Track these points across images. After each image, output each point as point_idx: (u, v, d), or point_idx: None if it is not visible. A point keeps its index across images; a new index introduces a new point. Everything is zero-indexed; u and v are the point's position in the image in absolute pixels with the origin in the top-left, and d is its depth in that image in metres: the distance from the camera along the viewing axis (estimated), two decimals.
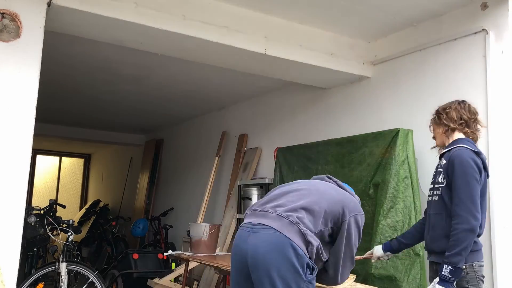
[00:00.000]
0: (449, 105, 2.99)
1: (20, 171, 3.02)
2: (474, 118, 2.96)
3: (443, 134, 2.99)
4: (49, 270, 4.49)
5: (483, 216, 2.74)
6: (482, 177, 2.72)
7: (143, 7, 3.53)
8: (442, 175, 2.88)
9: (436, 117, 3.04)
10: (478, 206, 2.65)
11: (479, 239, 2.76)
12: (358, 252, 3.91)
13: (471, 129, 2.93)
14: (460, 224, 2.62)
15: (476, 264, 2.72)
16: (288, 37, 4.19)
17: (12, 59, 3.07)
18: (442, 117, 2.97)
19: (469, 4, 3.73)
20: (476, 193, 2.66)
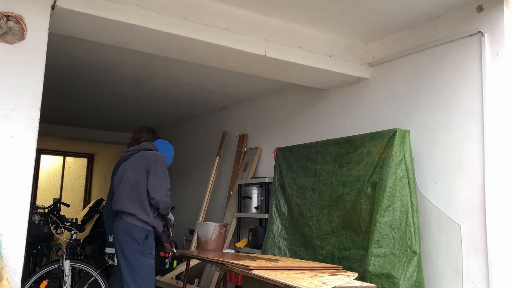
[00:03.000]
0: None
1: (25, 170, 3.04)
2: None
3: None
4: (53, 268, 4.55)
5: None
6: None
7: (145, 10, 3.56)
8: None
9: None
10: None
11: None
12: (358, 251, 3.99)
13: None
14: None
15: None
16: (287, 39, 4.22)
17: (17, 61, 3.08)
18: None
19: (465, 7, 3.75)
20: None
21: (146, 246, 3.85)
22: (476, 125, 3.61)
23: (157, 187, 3.94)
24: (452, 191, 3.73)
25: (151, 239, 3.91)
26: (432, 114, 3.96)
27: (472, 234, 3.55)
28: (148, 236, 3.87)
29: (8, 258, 2.92)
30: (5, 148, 3.00)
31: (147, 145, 4.32)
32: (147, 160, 4.05)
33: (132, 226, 3.86)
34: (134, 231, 3.85)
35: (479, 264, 3.48)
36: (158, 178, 3.97)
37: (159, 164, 4.04)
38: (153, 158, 4.07)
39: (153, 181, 3.94)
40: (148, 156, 4.09)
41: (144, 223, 3.88)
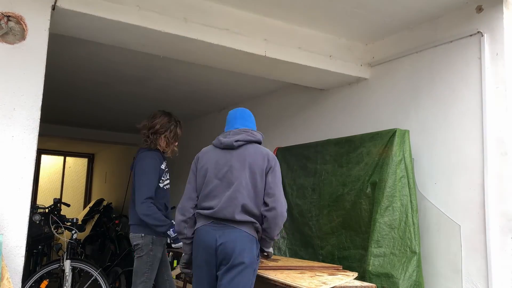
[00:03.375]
0: None
1: (25, 170, 3.04)
2: None
3: None
4: (54, 268, 4.54)
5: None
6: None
7: (146, 10, 3.57)
8: None
9: None
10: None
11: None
12: (358, 250, 4.00)
13: None
14: None
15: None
16: (287, 39, 4.23)
17: (18, 61, 3.08)
18: None
19: (464, 7, 3.76)
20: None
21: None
22: (475, 125, 3.61)
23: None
24: (452, 191, 3.74)
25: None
26: (432, 114, 3.97)
27: (471, 234, 3.56)
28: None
29: (9, 258, 2.93)
30: (5, 148, 3.01)
31: (255, 135, 3.41)
32: (264, 157, 3.17)
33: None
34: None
35: (479, 264, 3.48)
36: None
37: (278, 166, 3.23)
38: (272, 157, 3.21)
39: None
40: (264, 154, 3.20)
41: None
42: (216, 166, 3.20)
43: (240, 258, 2.93)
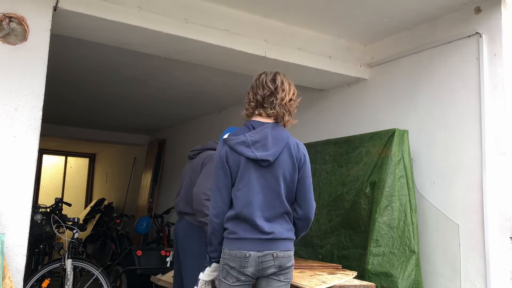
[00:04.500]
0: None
1: (27, 170, 3.06)
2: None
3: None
4: (55, 267, 4.53)
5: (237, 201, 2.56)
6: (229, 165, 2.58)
7: (147, 11, 3.59)
8: None
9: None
10: (216, 197, 2.59)
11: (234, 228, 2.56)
12: (357, 249, 4.02)
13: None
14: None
15: (225, 251, 2.57)
16: (287, 40, 4.25)
17: (19, 62, 3.10)
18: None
19: (463, 8, 3.78)
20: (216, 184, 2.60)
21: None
22: (474, 125, 3.63)
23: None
24: (450, 191, 3.75)
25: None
26: (431, 114, 3.99)
27: (470, 233, 3.58)
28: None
29: (11, 257, 2.94)
30: (7, 148, 3.02)
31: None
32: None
33: None
34: None
35: (477, 263, 3.50)
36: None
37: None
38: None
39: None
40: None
41: None
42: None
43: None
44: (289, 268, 2.61)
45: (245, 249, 2.52)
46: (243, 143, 2.56)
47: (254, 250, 2.52)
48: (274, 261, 2.54)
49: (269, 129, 2.62)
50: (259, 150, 2.56)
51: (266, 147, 2.57)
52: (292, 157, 2.64)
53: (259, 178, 2.57)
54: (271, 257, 2.54)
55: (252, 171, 2.56)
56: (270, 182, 2.58)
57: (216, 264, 2.65)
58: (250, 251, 2.52)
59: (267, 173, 2.57)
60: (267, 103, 2.64)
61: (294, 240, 2.67)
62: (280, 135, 2.64)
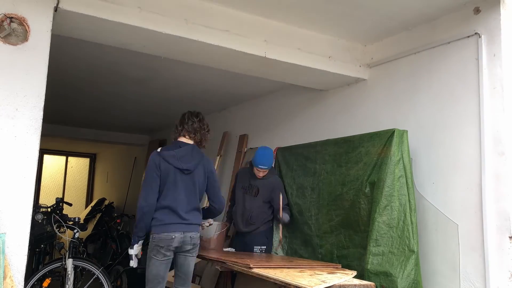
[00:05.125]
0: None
1: (27, 170, 3.06)
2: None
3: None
4: (56, 266, 4.54)
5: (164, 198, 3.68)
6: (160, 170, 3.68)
7: (147, 12, 3.59)
8: None
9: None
10: (147, 191, 3.65)
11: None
12: (357, 249, 4.03)
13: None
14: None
15: (154, 235, 3.61)
16: (287, 40, 4.26)
17: (20, 62, 3.10)
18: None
19: (462, 9, 3.78)
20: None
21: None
22: (473, 125, 3.64)
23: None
24: (450, 191, 3.76)
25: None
26: (430, 115, 4.00)
27: (469, 233, 3.58)
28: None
29: (12, 257, 2.95)
30: (8, 148, 3.03)
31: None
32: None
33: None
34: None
35: (476, 263, 3.51)
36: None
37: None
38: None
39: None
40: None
41: None
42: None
43: None
44: (197, 245, 3.78)
45: (171, 231, 3.60)
46: (173, 157, 3.70)
47: (178, 231, 3.62)
48: (191, 240, 3.69)
49: (191, 148, 3.81)
50: (184, 163, 3.71)
51: (189, 160, 3.74)
52: (204, 168, 3.85)
53: (182, 182, 3.70)
54: (189, 238, 3.68)
55: (178, 176, 3.69)
56: (189, 185, 3.74)
57: (141, 241, 3.76)
58: (175, 233, 3.61)
59: (188, 178, 3.73)
60: (192, 130, 3.87)
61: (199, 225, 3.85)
62: (198, 154, 3.83)
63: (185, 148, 3.78)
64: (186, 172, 3.71)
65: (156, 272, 3.64)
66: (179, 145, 3.80)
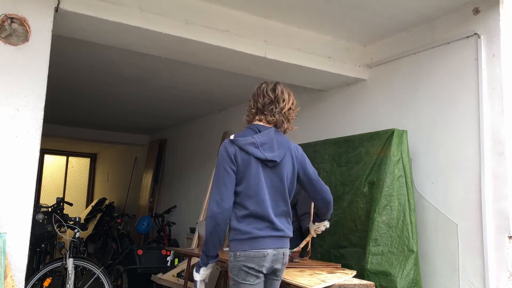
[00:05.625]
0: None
1: (28, 170, 3.06)
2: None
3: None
4: (57, 266, 4.55)
5: (247, 201, 2.62)
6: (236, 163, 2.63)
7: (148, 12, 3.60)
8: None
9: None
10: (222, 193, 2.59)
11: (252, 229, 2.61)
12: (355, 248, 4.04)
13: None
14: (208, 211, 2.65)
15: (239, 253, 2.60)
16: (287, 41, 4.27)
17: (21, 62, 3.11)
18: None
19: (461, 9, 3.79)
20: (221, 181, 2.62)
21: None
22: (472, 125, 3.65)
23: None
24: (449, 190, 3.77)
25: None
26: (429, 115, 4.01)
27: (468, 233, 3.59)
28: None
29: (13, 256, 2.95)
30: (9, 148, 3.03)
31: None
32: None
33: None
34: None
35: (475, 262, 3.52)
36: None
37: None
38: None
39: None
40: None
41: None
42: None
43: None
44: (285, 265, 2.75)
45: (262, 248, 2.58)
46: (252, 144, 2.64)
47: (271, 247, 2.61)
48: (283, 258, 2.68)
49: (273, 133, 2.73)
50: (267, 151, 2.65)
51: (273, 149, 2.67)
52: (293, 159, 2.77)
53: (266, 178, 2.66)
54: (282, 255, 2.67)
55: (261, 170, 2.64)
56: (275, 182, 2.68)
57: (213, 263, 2.71)
58: (268, 249, 2.60)
59: (273, 173, 2.68)
60: (267, 110, 2.76)
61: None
62: (283, 139, 2.76)
63: (266, 133, 2.72)
64: (270, 165, 2.68)
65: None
66: (257, 129, 2.75)
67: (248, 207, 2.61)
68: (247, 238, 2.60)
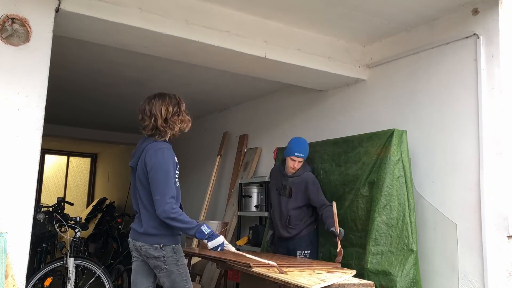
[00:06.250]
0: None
1: (29, 170, 3.06)
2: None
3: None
4: (57, 265, 4.56)
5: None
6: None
7: (148, 13, 3.61)
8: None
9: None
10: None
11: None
12: (354, 248, 4.05)
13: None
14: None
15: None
16: (287, 41, 4.27)
17: (22, 63, 3.11)
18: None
19: (460, 10, 3.80)
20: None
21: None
22: (471, 125, 3.66)
23: None
24: (448, 190, 3.78)
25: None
26: (429, 115, 4.02)
27: (467, 232, 3.60)
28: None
29: (14, 256, 2.96)
30: (10, 147, 3.03)
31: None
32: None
33: None
34: None
35: (475, 262, 3.53)
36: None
37: None
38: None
39: None
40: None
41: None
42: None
43: None
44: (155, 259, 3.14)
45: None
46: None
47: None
48: (140, 251, 3.17)
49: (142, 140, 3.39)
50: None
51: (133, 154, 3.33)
52: (142, 163, 3.22)
53: (132, 182, 3.29)
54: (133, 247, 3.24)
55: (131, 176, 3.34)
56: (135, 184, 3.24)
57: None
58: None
59: (133, 178, 3.27)
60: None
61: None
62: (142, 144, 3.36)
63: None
64: (131, 171, 3.29)
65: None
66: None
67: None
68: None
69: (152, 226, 3.11)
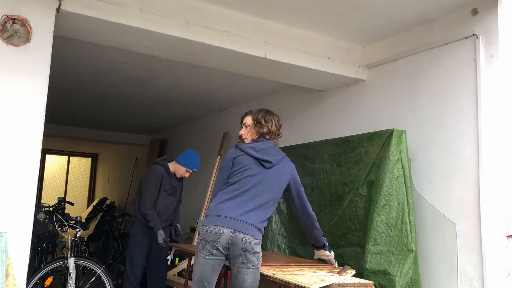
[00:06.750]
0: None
1: (30, 170, 3.08)
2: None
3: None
4: (58, 265, 4.58)
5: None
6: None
7: (148, 13, 3.61)
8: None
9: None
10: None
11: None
12: (354, 248, 4.05)
13: None
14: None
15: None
16: (286, 41, 4.28)
17: (23, 63, 3.12)
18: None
19: (460, 10, 3.80)
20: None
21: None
22: (471, 125, 3.66)
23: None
24: (448, 190, 3.78)
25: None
26: (428, 115, 4.02)
27: (467, 232, 3.60)
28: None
29: (14, 255, 2.97)
30: (11, 148, 3.05)
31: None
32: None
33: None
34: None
35: (474, 262, 3.53)
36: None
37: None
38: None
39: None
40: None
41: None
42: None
43: None
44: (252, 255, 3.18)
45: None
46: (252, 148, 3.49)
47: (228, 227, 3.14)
48: (243, 244, 3.12)
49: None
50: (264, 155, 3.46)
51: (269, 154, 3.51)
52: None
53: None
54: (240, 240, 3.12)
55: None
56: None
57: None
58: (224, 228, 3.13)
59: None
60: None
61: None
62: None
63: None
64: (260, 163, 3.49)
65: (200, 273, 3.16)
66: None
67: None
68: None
69: (260, 221, 3.26)
